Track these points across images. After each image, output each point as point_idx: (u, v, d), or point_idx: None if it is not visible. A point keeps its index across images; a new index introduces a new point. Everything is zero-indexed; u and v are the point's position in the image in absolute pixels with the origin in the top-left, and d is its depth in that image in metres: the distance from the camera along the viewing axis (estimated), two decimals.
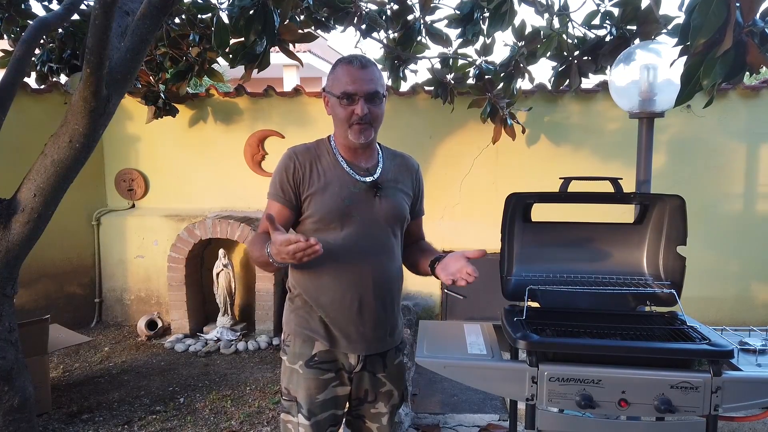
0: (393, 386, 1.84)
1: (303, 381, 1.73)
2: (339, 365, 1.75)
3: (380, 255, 1.75)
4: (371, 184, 1.74)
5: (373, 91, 1.66)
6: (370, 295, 1.73)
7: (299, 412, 1.73)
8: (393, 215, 1.77)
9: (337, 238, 1.70)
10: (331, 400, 1.74)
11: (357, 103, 1.65)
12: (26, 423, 2.40)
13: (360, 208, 1.71)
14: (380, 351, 1.79)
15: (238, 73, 3.50)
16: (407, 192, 1.84)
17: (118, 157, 5.12)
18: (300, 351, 1.75)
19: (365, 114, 1.65)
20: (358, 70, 1.66)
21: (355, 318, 1.72)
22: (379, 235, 1.75)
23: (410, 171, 1.88)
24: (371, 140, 1.73)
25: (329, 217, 1.69)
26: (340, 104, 1.67)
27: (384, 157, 1.83)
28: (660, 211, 2.08)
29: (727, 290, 4.74)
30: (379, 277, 1.74)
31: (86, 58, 2.04)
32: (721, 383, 1.60)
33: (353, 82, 1.65)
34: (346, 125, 1.68)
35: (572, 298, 2.05)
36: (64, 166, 2.27)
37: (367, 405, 1.83)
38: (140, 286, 5.07)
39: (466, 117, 4.61)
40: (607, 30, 3.30)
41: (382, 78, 1.72)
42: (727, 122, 4.61)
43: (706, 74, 1.51)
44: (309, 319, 1.75)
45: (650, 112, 2.51)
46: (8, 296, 2.35)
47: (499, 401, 3.53)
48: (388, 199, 1.76)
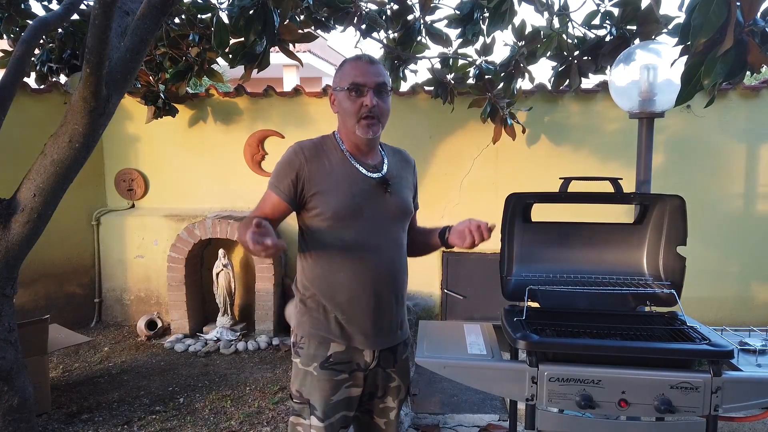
0: (401, 381, 1.85)
1: (317, 383, 1.72)
2: (354, 365, 1.74)
3: (392, 250, 1.77)
4: (380, 180, 1.74)
5: (381, 82, 1.68)
6: (385, 290, 1.74)
7: (312, 414, 1.72)
8: (402, 210, 1.79)
9: (350, 234, 1.70)
10: (343, 401, 1.74)
11: (366, 94, 1.67)
12: (26, 423, 2.40)
13: (370, 204, 1.72)
14: (392, 345, 1.80)
15: (237, 73, 3.50)
16: (410, 187, 1.87)
17: (117, 157, 5.12)
18: (315, 353, 1.73)
19: (374, 106, 1.66)
20: (367, 65, 1.69)
21: (373, 314, 1.72)
22: (390, 231, 1.76)
23: (409, 166, 1.91)
24: (378, 136, 1.74)
25: (341, 214, 1.69)
26: (348, 97, 1.68)
27: (386, 153, 1.85)
28: (660, 211, 2.08)
29: (726, 290, 4.74)
30: (393, 272, 1.76)
31: (86, 58, 2.04)
32: (721, 383, 1.60)
33: (362, 74, 1.67)
34: (355, 119, 1.68)
35: (572, 299, 2.05)
36: (64, 166, 2.27)
37: (376, 400, 1.83)
38: (140, 286, 5.06)
39: (466, 117, 4.61)
40: (607, 30, 3.30)
41: (388, 75, 1.75)
42: (727, 122, 4.61)
43: (707, 74, 1.51)
44: (324, 320, 1.74)
45: (650, 112, 2.52)
46: (8, 296, 2.35)
47: (498, 401, 3.53)
48: (397, 194, 1.78)
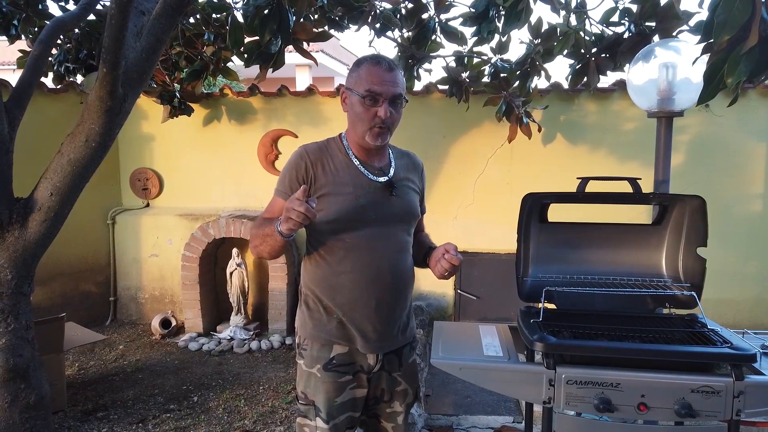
0: (408, 384, 1.84)
1: (321, 384, 1.72)
2: (357, 367, 1.75)
3: (396, 253, 1.75)
4: (386, 184, 1.73)
5: (397, 93, 1.66)
6: (387, 293, 1.72)
7: (317, 416, 1.72)
8: (407, 213, 1.78)
9: (353, 237, 1.69)
10: (348, 403, 1.74)
11: (381, 105, 1.64)
12: (42, 420, 2.41)
13: (376, 207, 1.71)
14: (394, 348, 1.79)
15: (250, 73, 3.50)
16: (417, 190, 1.85)
17: (133, 156, 5.16)
18: (318, 355, 1.74)
19: (387, 117, 1.64)
20: (386, 72, 1.65)
21: (373, 316, 1.71)
22: (394, 234, 1.75)
23: (417, 169, 1.89)
24: (387, 143, 1.73)
25: (345, 218, 1.68)
26: (362, 104, 1.65)
27: (394, 156, 1.83)
28: (679, 212, 2.05)
29: (745, 292, 4.66)
30: (396, 276, 1.74)
31: (102, 58, 2.05)
32: (744, 387, 1.57)
33: (381, 83, 1.64)
34: (367, 127, 1.66)
35: (590, 300, 2.03)
36: (81, 165, 2.28)
37: (383, 404, 1.83)
38: (154, 284, 5.09)
39: (480, 116, 4.58)
40: (625, 27, 3.26)
41: (404, 82, 1.72)
42: (747, 122, 4.53)
43: (731, 72, 1.48)
44: (326, 322, 1.73)
45: (669, 111, 2.48)
46: (25, 294, 2.37)
47: (512, 403, 3.50)
48: (402, 197, 1.76)
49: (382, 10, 3.43)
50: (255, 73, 3.28)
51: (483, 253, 4.73)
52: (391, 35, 3.66)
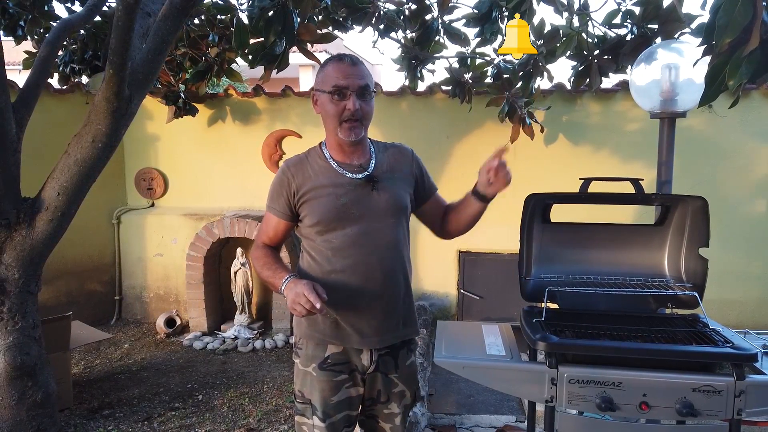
0: (405, 387, 1.85)
1: (317, 383, 1.74)
2: (352, 366, 1.77)
3: (386, 249, 1.75)
4: (366, 179, 1.74)
5: (363, 84, 1.67)
6: (379, 288, 1.73)
7: (314, 414, 1.74)
8: (393, 206, 1.77)
9: (339, 237, 1.71)
10: (345, 401, 1.75)
11: (348, 98, 1.66)
12: (48, 418, 2.44)
13: (358, 204, 1.72)
14: (394, 342, 1.80)
15: (254, 73, 3.52)
16: (406, 180, 1.83)
17: (138, 156, 5.18)
18: (313, 354, 1.76)
19: (356, 109, 1.66)
20: (350, 66, 1.67)
21: (365, 312, 1.73)
22: (382, 229, 1.75)
23: (405, 157, 1.87)
24: (362, 138, 1.73)
25: (327, 219, 1.70)
26: (331, 100, 1.67)
27: (376, 150, 1.83)
28: (682, 213, 2.05)
29: (748, 293, 4.66)
30: (387, 273, 1.75)
31: (109, 59, 2.07)
32: (745, 387, 1.58)
33: (345, 77, 1.66)
34: (337, 122, 1.68)
35: (592, 300, 2.04)
36: (87, 165, 2.31)
37: (380, 405, 1.84)
38: (159, 284, 5.12)
39: (483, 116, 4.58)
40: (628, 29, 3.27)
41: (371, 75, 1.74)
42: (750, 122, 4.53)
43: (732, 74, 1.49)
44: (320, 321, 1.75)
45: (672, 112, 2.48)
46: (32, 293, 2.39)
47: (515, 402, 3.51)
48: (386, 191, 1.76)
49: (385, 12, 3.44)
50: (259, 73, 3.29)
51: (486, 253, 4.73)
52: (395, 36, 3.67)
